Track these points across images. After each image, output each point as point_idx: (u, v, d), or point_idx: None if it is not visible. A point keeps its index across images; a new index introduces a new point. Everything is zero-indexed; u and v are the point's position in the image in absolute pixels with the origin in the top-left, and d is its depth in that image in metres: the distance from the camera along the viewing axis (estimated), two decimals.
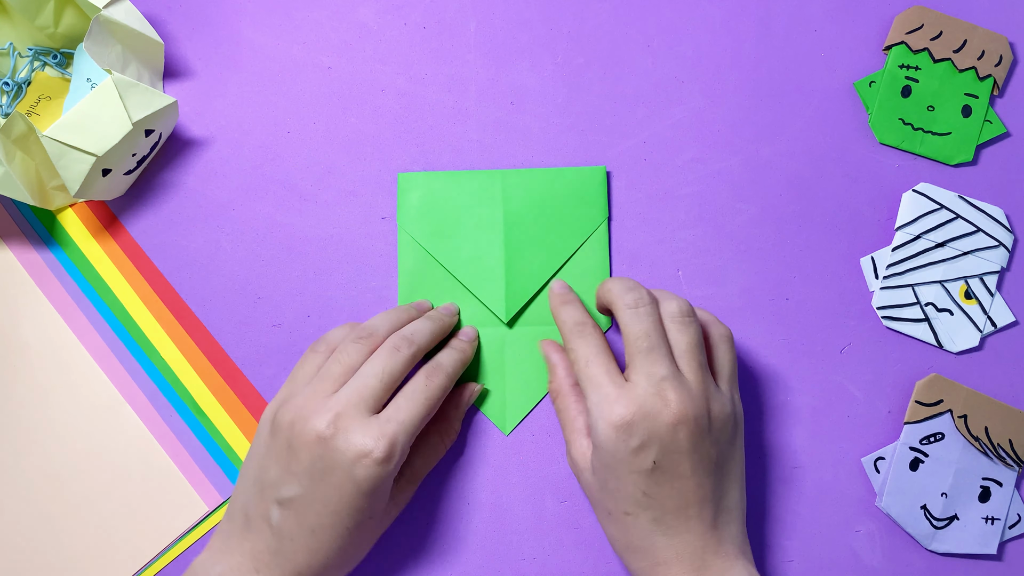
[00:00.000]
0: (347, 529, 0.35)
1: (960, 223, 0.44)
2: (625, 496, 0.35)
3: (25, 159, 0.42)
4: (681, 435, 0.34)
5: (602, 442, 0.35)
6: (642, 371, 0.35)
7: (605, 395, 0.35)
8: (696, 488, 0.35)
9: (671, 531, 0.35)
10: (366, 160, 0.45)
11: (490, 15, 0.47)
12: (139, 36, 0.43)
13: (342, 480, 0.34)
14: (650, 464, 0.34)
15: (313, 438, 0.34)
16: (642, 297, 0.37)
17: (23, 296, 0.44)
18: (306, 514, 0.35)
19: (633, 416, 0.34)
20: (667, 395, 0.34)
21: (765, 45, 0.47)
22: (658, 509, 0.34)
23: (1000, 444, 0.42)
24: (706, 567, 0.35)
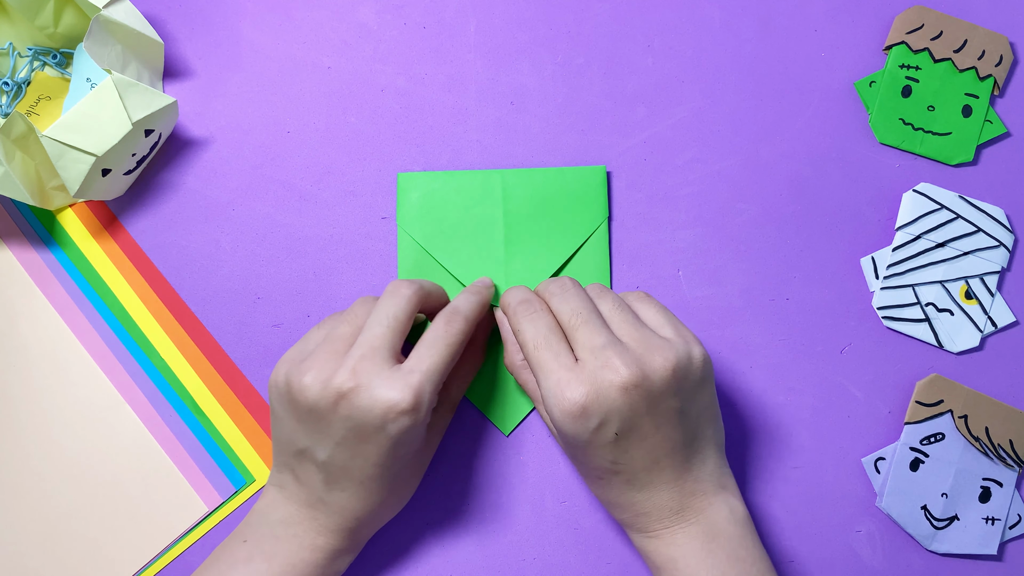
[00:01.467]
0: (395, 474, 0.36)
1: (960, 223, 0.44)
2: (595, 466, 0.36)
3: (25, 159, 0.42)
4: (636, 398, 0.34)
5: (561, 429, 0.35)
6: (584, 346, 0.35)
7: (556, 380, 0.34)
8: (663, 442, 0.35)
9: (646, 487, 0.35)
10: (366, 160, 0.45)
11: (490, 15, 0.47)
12: (139, 36, 0.43)
13: (376, 436, 0.34)
14: (612, 437, 0.34)
15: (335, 398, 0.34)
16: (566, 282, 0.38)
17: (23, 296, 0.44)
18: (350, 469, 0.35)
19: (586, 399, 0.34)
20: (612, 362, 0.34)
21: (765, 45, 0.47)
22: (628, 472, 0.35)
23: (1000, 444, 0.42)
24: (684, 509, 0.35)
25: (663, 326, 0.37)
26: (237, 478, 0.42)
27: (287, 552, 0.36)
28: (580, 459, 0.36)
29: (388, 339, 0.35)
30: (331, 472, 0.36)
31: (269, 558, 0.36)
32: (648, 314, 0.38)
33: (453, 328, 0.37)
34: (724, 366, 0.43)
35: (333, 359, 0.35)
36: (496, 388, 0.43)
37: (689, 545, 0.35)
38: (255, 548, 0.36)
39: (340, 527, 0.37)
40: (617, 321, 0.36)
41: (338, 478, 0.36)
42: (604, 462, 0.35)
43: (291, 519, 0.37)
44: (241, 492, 0.42)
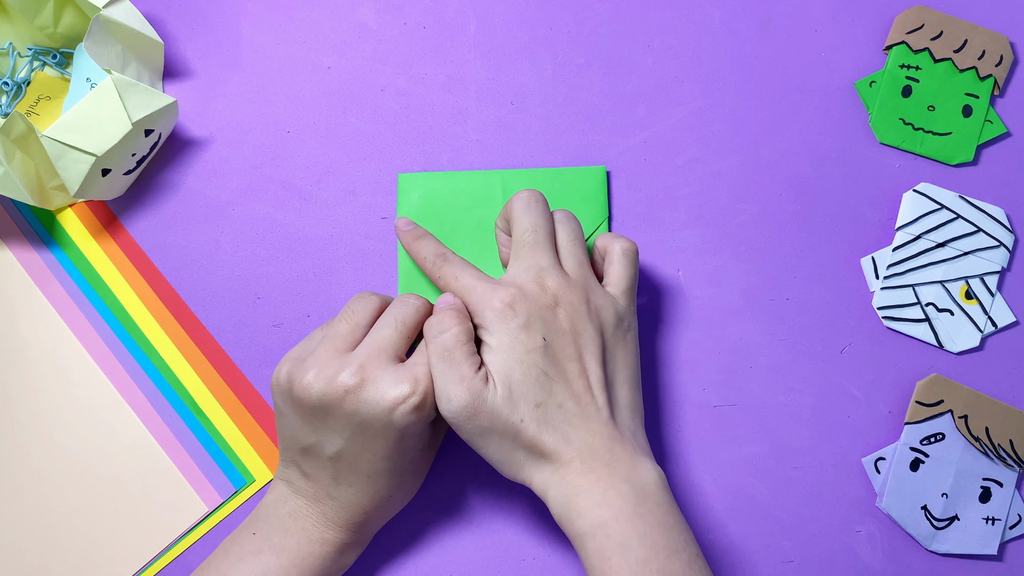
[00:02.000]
0: (402, 467, 0.37)
1: (960, 223, 0.44)
2: (531, 382, 0.34)
3: (25, 159, 0.42)
4: (560, 315, 0.35)
5: (494, 326, 0.35)
6: (523, 262, 0.37)
7: (484, 290, 0.36)
8: (587, 372, 0.35)
9: (576, 419, 0.34)
10: (366, 160, 0.45)
11: (490, 15, 0.47)
12: (139, 36, 0.43)
13: (384, 430, 0.35)
14: (540, 341, 0.35)
15: (341, 394, 0.34)
16: (534, 197, 0.39)
17: (23, 296, 0.44)
18: (358, 463, 0.36)
19: (513, 297, 0.35)
20: (545, 281, 0.36)
21: (765, 45, 0.47)
22: (560, 394, 0.34)
23: (1000, 444, 0.42)
24: (615, 460, 0.34)
25: (618, 288, 0.38)
26: (237, 478, 0.42)
27: (296, 545, 0.36)
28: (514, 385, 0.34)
29: (396, 342, 0.36)
30: (338, 467, 0.36)
31: (278, 551, 0.36)
32: (620, 272, 0.39)
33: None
34: (724, 366, 0.43)
35: (335, 356, 0.35)
36: None
37: (621, 506, 0.32)
38: (264, 541, 0.37)
39: (348, 521, 0.37)
40: (567, 253, 0.38)
41: (345, 473, 0.36)
42: (537, 373, 0.34)
43: (299, 512, 0.37)
44: (241, 492, 0.42)
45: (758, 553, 0.42)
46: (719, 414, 0.43)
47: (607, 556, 0.32)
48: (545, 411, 0.34)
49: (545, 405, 0.34)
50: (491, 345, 0.35)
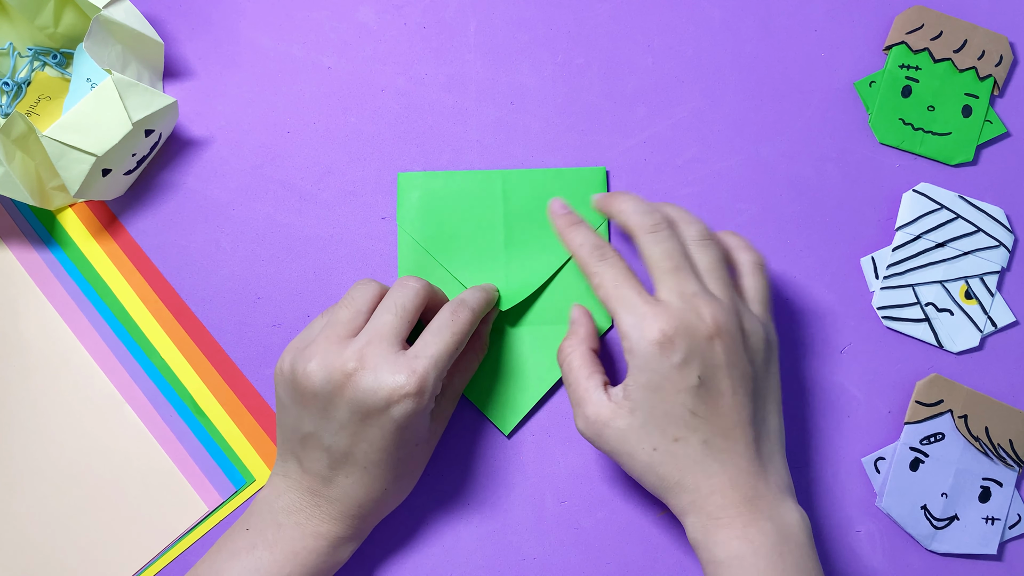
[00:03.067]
0: (398, 460, 0.36)
1: (960, 223, 0.44)
2: (674, 419, 0.34)
3: (25, 159, 0.42)
4: (718, 348, 0.34)
5: (645, 362, 0.34)
6: (672, 289, 0.35)
7: (641, 314, 0.34)
8: (739, 408, 0.34)
9: (721, 455, 0.34)
10: (366, 160, 0.45)
11: (490, 15, 0.47)
12: (139, 36, 0.43)
13: (381, 420, 0.35)
14: (695, 380, 0.34)
15: (342, 381, 0.34)
16: (660, 221, 0.37)
17: (23, 296, 0.44)
18: (354, 454, 0.36)
19: (674, 331, 0.33)
20: (700, 310, 0.34)
21: (765, 45, 0.47)
22: (706, 430, 0.34)
23: (1000, 444, 0.42)
24: (758, 497, 0.34)
25: (757, 303, 0.37)
26: (237, 478, 0.42)
27: (290, 539, 0.36)
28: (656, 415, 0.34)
29: (396, 327, 0.36)
30: (335, 457, 0.36)
31: (271, 546, 0.36)
32: (754, 285, 0.38)
33: (459, 317, 0.37)
34: None
35: (336, 344, 0.35)
36: (496, 387, 0.43)
37: (762, 542, 0.33)
38: (258, 536, 0.36)
39: (344, 514, 0.37)
40: (712, 277, 0.36)
41: (342, 463, 0.36)
42: (684, 411, 0.34)
43: (295, 507, 0.37)
44: (241, 492, 0.42)
45: None
46: None
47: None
48: (685, 445, 0.34)
49: (686, 441, 0.34)
50: (640, 380, 0.34)
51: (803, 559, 0.33)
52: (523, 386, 0.43)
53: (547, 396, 0.43)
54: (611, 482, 0.42)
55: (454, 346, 0.36)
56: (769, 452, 0.35)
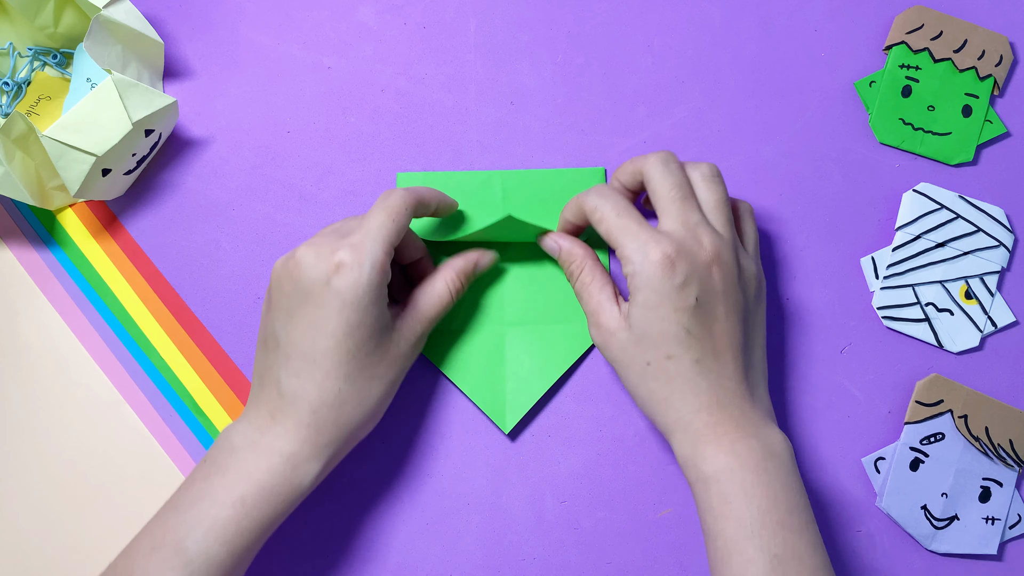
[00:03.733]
0: (348, 352, 0.35)
1: (960, 223, 0.44)
2: (669, 337, 0.35)
3: (25, 159, 0.42)
4: (716, 275, 0.36)
5: (646, 281, 0.35)
6: (676, 218, 0.37)
7: (644, 239, 0.36)
8: (730, 333, 0.36)
9: (711, 374, 0.36)
10: (366, 160, 0.45)
11: (490, 15, 0.47)
12: (139, 36, 0.43)
13: (325, 297, 0.35)
14: (693, 301, 0.35)
15: (292, 266, 0.36)
16: (670, 156, 0.39)
17: (23, 296, 0.44)
18: (302, 343, 0.35)
19: (676, 254, 0.35)
20: (701, 238, 0.36)
21: (765, 45, 0.47)
22: (699, 350, 0.35)
23: (1000, 444, 0.42)
24: (744, 417, 0.35)
25: (751, 246, 0.40)
26: None
27: (242, 460, 0.35)
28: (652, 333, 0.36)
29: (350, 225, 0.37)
30: (288, 354, 0.36)
31: (223, 470, 0.35)
32: (748, 229, 0.41)
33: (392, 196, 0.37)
34: None
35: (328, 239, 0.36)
36: (496, 387, 0.43)
37: (748, 457, 0.34)
38: (211, 465, 0.36)
39: (299, 423, 0.35)
40: (716, 213, 0.38)
41: (293, 358, 0.35)
42: (679, 330, 0.35)
43: (251, 429, 0.36)
44: None
45: None
46: None
47: (729, 500, 0.33)
48: (678, 363, 0.35)
49: (679, 358, 0.35)
50: (640, 300, 0.36)
51: (788, 477, 0.34)
52: (522, 385, 0.43)
53: (547, 396, 0.43)
54: (611, 482, 0.42)
55: (389, 221, 0.36)
56: (754, 381, 0.37)
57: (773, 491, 0.33)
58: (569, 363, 0.43)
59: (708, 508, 0.34)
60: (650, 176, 0.38)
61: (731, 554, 0.33)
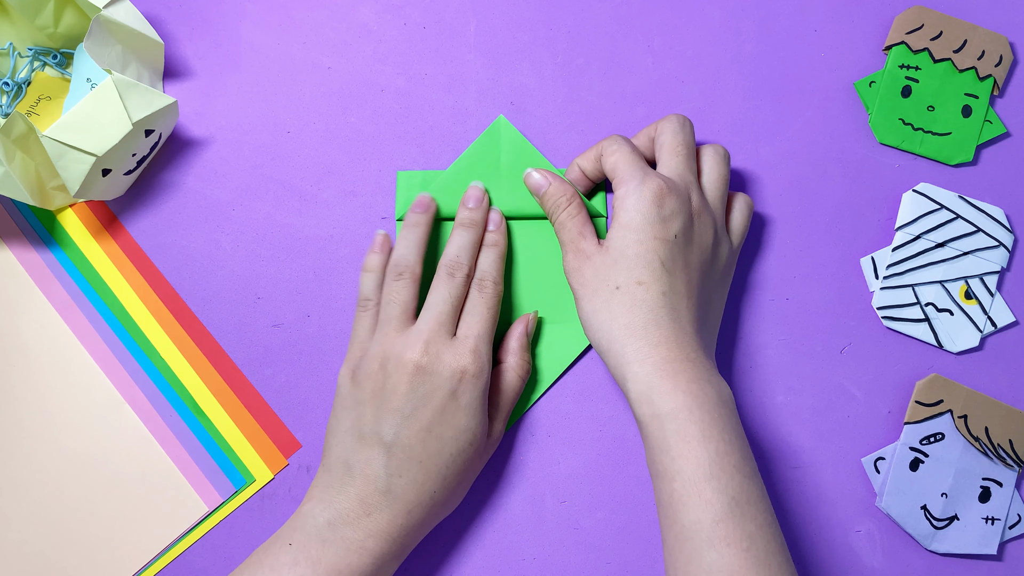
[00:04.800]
0: (451, 456, 0.37)
1: (960, 223, 0.44)
2: (644, 263, 0.37)
3: (25, 159, 0.42)
4: (698, 225, 0.38)
5: (635, 204, 0.37)
6: (674, 170, 0.39)
7: (644, 174, 0.38)
8: (696, 282, 0.38)
9: (673, 311, 0.37)
10: (366, 160, 0.45)
11: (490, 15, 0.47)
12: (139, 36, 0.43)
13: (443, 402, 0.37)
14: (673, 235, 0.37)
15: (412, 370, 0.37)
16: (688, 121, 0.41)
17: (23, 296, 0.44)
18: (412, 446, 0.37)
19: (670, 190, 0.37)
20: (691, 193, 0.39)
21: (765, 45, 0.47)
22: (667, 283, 0.37)
23: (1000, 444, 0.42)
24: (699, 360, 0.36)
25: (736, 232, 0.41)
26: (237, 478, 0.42)
27: (334, 556, 0.35)
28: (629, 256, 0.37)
29: (451, 316, 0.39)
30: (394, 453, 0.37)
31: (315, 563, 0.35)
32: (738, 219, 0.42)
33: (486, 293, 0.40)
34: (724, 366, 0.43)
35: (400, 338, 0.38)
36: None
37: (706, 398, 0.34)
38: (300, 552, 0.35)
39: (392, 523, 0.36)
40: (711, 187, 0.40)
41: (399, 459, 0.36)
42: (655, 258, 0.37)
43: (342, 519, 0.36)
44: (241, 492, 0.42)
45: None
46: None
47: (687, 439, 0.33)
48: (646, 291, 0.36)
49: (648, 286, 0.37)
50: (623, 221, 0.38)
51: (738, 425, 0.35)
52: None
53: (547, 396, 0.43)
54: (611, 482, 0.42)
55: (491, 319, 0.40)
56: (706, 336, 0.38)
57: (728, 436, 0.34)
58: (568, 363, 0.43)
59: (664, 448, 0.34)
60: (663, 129, 0.41)
61: (688, 495, 0.33)
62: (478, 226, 0.42)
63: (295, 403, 0.43)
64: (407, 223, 0.42)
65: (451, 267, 0.40)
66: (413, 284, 0.40)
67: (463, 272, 0.40)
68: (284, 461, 0.43)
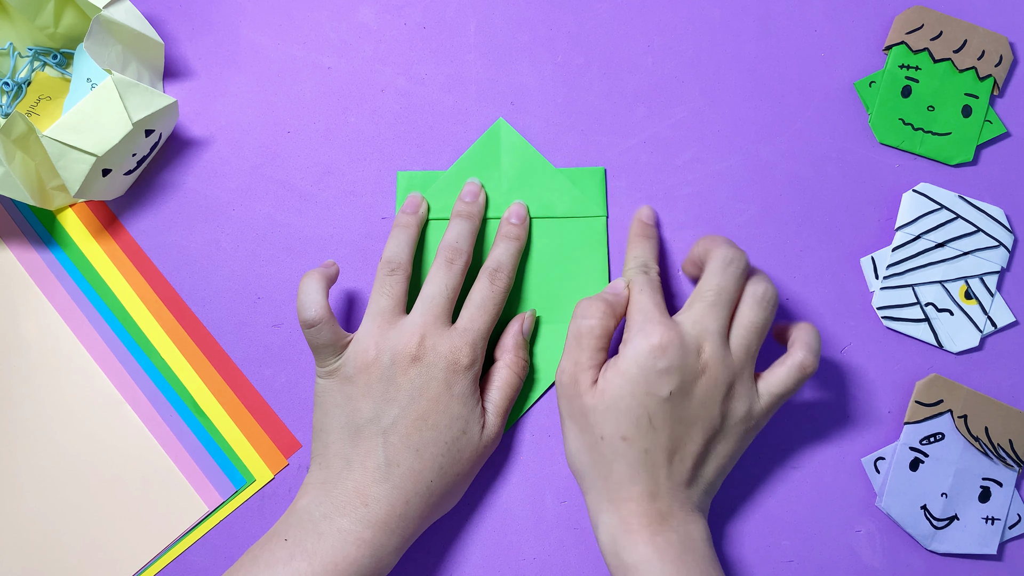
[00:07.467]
0: (446, 444, 0.37)
1: (960, 223, 0.44)
2: (631, 418, 0.36)
3: (25, 159, 0.42)
4: (699, 384, 0.36)
5: (634, 355, 0.36)
6: (693, 316, 0.37)
7: (652, 320, 0.37)
8: (690, 441, 0.36)
9: (654, 469, 0.36)
10: (366, 160, 0.45)
11: (490, 15, 0.47)
12: (139, 36, 0.43)
13: (438, 392, 0.37)
14: (667, 392, 0.36)
15: (408, 361, 0.37)
16: (736, 259, 0.38)
17: (23, 296, 0.44)
18: (410, 434, 0.37)
19: (671, 343, 0.36)
20: (704, 346, 0.36)
21: (765, 45, 0.47)
22: (652, 442, 0.36)
23: (1000, 444, 0.42)
24: (671, 515, 0.36)
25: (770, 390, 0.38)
26: (237, 478, 0.42)
27: (330, 549, 0.35)
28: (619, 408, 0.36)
29: (446, 306, 0.39)
30: (391, 442, 0.37)
31: (311, 556, 0.35)
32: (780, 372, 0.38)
33: (498, 286, 0.40)
34: None
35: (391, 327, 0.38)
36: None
37: (667, 550, 0.35)
38: (296, 547, 0.35)
39: (390, 514, 0.36)
40: (741, 335, 0.37)
41: (396, 448, 0.37)
42: (643, 415, 0.36)
43: (336, 511, 0.36)
44: (241, 492, 0.42)
45: (758, 553, 0.42)
46: None
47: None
48: (629, 447, 0.36)
49: (631, 443, 0.36)
50: (621, 368, 0.36)
51: (706, 567, 0.35)
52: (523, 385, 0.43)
53: (547, 396, 0.43)
54: None
55: (495, 314, 0.40)
56: (696, 494, 0.37)
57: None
58: None
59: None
60: (706, 267, 0.38)
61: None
62: (475, 219, 0.42)
63: (295, 403, 0.43)
64: (398, 223, 0.42)
65: (451, 253, 0.40)
66: (405, 280, 0.40)
67: (462, 260, 0.40)
68: (284, 461, 0.43)
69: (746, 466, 0.42)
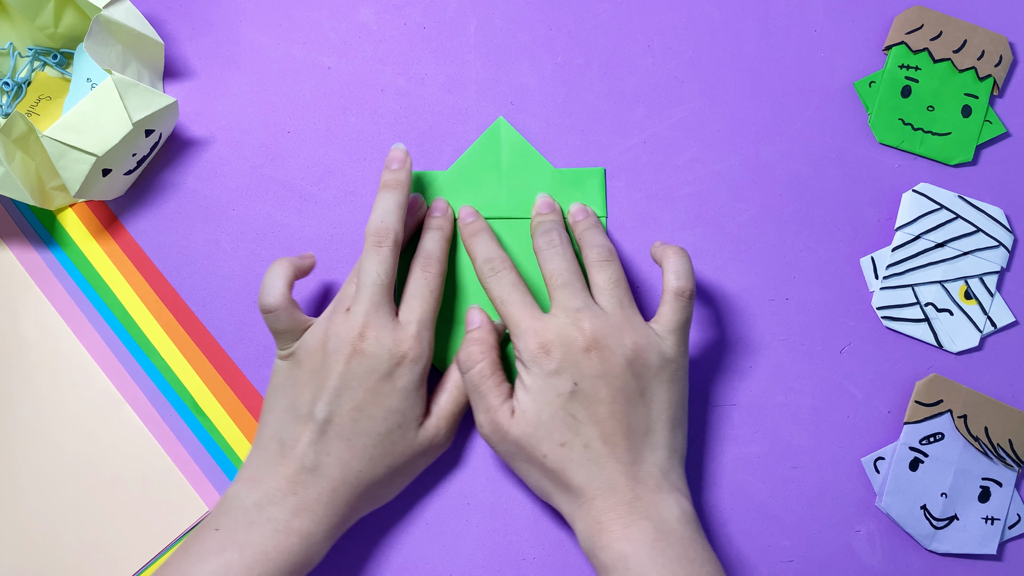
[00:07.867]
0: (378, 435, 0.37)
1: (960, 223, 0.44)
2: (558, 424, 0.36)
3: (25, 159, 0.42)
4: (595, 359, 0.36)
5: (528, 371, 0.37)
6: (559, 304, 0.38)
7: (524, 329, 0.37)
8: (618, 415, 0.36)
9: (601, 459, 0.36)
10: (366, 160, 0.45)
11: (490, 15, 0.47)
12: (139, 36, 0.43)
13: (377, 383, 0.37)
14: (570, 387, 0.36)
15: (349, 351, 0.37)
16: (554, 238, 0.40)
17: (23, 296, 0.44)
18: (343, 424, 0.37)
19: (550, 343, 0.36)
20: (581, 323, 0.37)
21: (765, 45, 0.47)
22: (587, 435, 0.36)
23: (1000, 444, 0.42)
24: (637, 499, 0.35)
25: (667, 328, 0.38)
26: None
27: (261, 538, 0.35)
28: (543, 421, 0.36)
29: (385, 292, 0.38)
30: (323, 430, 0.37)
31: (241, 547, 0.35)
32: (670, 313, 0.38)
33: (430, 273, 0.40)
34: (724, 366, 0.43)
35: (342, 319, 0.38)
36: None
37: (640, 541, 0.34)
38: (227, 537, 0.35)
39: (317, 502, 0.36)
40: (606, 295, 0.38)
41: (328, 435, 0.37)
42: (564, 415, 0.36)
43: (268, 499, 0.36)
44: None
45: (758, 553, 0.42)
46: (719, 414, 0.43)
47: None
48: (570, 450, 0.36)
49: (570, 444, 0.36)
50: (525, 383, 0.37)
51: (685, 549, 0.34)
52: None
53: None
54: None
55: (434, 302, 0.40)
56: (656, 459, 0.36)
57: (670, 571, 0.33)
58: None
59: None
60: (539, 260, 0.40)
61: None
62: (403, 187, 0.40)
63: None
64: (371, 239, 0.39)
65: (378, 235, 0.39)
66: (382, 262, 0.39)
67: (391, 239, 0.38)
68: None
69: (746, 466, 0.42)
